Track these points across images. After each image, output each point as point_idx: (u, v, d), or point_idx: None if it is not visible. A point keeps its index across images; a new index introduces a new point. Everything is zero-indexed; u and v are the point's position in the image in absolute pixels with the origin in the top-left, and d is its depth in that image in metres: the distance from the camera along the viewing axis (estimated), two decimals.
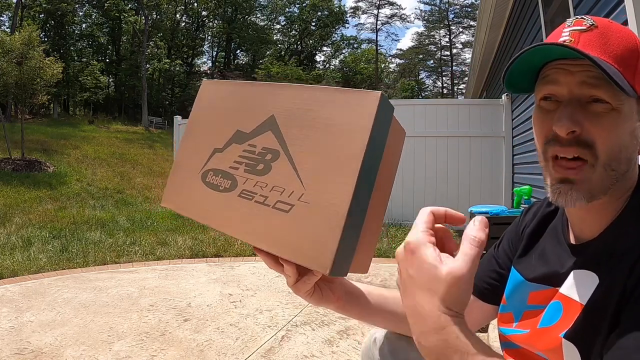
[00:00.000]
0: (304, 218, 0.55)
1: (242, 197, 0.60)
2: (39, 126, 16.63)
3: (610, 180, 0.58)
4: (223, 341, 2.36)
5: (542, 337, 0.64)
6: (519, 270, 0.74)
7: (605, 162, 0.57)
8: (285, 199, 0.57)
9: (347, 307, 0.75)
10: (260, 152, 0.61)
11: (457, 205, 5.86)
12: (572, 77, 0.57)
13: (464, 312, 0.49)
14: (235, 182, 0.62)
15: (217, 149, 0.67)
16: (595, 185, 0.57)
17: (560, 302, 0.63)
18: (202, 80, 8.65)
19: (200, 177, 0.66)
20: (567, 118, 0.56)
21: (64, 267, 3.99)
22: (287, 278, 0.64)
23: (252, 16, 38.00)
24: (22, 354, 2.16)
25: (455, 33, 39.39)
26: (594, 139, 0.56)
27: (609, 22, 0.59)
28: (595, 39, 0.57)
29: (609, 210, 0.61)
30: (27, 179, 8.84)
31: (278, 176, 0.58)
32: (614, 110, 0.56)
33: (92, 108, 31.70)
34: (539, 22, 4.00)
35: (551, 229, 0.73)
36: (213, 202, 0.63)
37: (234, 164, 0.63)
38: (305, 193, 0.56)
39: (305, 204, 0.55)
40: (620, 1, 2.17)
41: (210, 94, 0.72)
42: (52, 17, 28.46)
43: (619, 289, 0.54)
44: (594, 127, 0.56)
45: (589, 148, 0.56)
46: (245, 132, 0.64)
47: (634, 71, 0.56)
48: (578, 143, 0.57)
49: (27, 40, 9.80)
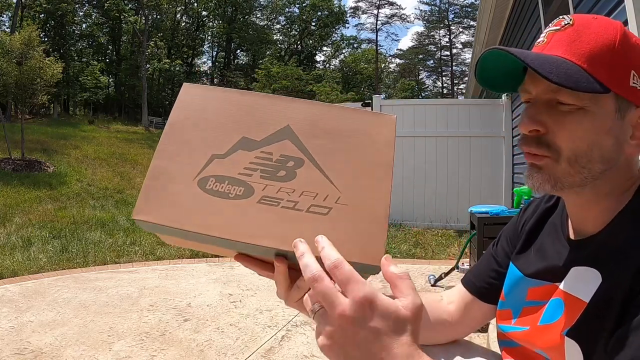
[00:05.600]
0: (346, 217, 0.56)
1: (263, 203, 0.58)
2: (39, 126, 16.63)
3: (580, 176, 0.59)
4: (223, 341, 2.36)
5: (542, 334, 0.64)
6: (518, 266, 0.74)
7: (570, 158, 0.58)
8: (320, 202, 0.57)
9: None
10: (279, 159, 0.60)
11: (457, 205, 5.87)
12: (539, 81, 0.60)
13: (466, 312, 0.48)
14: (250, 189, 0.59)
15: (217, 155, 0.63)
16: (560, 176, 0.60)
17: (561, 299, 0.63)
18: (201, 80, 8.68)
19: (196, 184, 0.61)
20: (529, 117, 0.60)
21: (64, 267, 3.99)
22: (278, 285, 0.60)
23: (252, 16, 38.02)
24: (22, 354, 2.16)
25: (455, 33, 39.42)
26: (554, 138, 0.59)
27: (591, 18, 0.60)
28: (566, 37, 0.59)
29: (607, 207, 0.61)
30: (27, 179, 8.84)
31: (306, 182, 0.58)
32: (581, 110, 0.57)
33: (92, 108, 31.71)
34: (539, 22, 4.00)
35: (550, 225, 0.73)
36: (222, 210, 0.59)
37: (245, 171, 0.60)
38: (342, 196, 0.57)
39: (344, 206, 0.57)
40: (620, 1, 2.17)
41: (195, 97, 0.68)
42: (52, 17, 28.45)
43: (625, 288, 0.54)
44: (556, 126, 0.59)
45: (547, 147, 0.59)
46: (254, 140, 0.62)
47: (607, 67, 0.56)
48: (539, 142, 0.60)
49: (27, 40, 9.80)
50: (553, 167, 0.60)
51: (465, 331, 0.84)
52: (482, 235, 3.17)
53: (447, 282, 3.35)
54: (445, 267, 3.61)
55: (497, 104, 6.00)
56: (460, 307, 0.83)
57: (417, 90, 40.65)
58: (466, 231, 5.31)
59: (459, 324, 0.83)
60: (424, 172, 6.08)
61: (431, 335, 0.81)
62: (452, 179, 6.03)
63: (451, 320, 0.82)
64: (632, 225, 0.58)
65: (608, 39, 0.57)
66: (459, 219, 5.82)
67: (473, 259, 3.39)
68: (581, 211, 0.65)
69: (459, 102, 9.01)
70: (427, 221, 6.02)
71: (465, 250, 3.42)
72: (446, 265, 3.80)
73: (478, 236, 3.19)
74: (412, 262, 4.29)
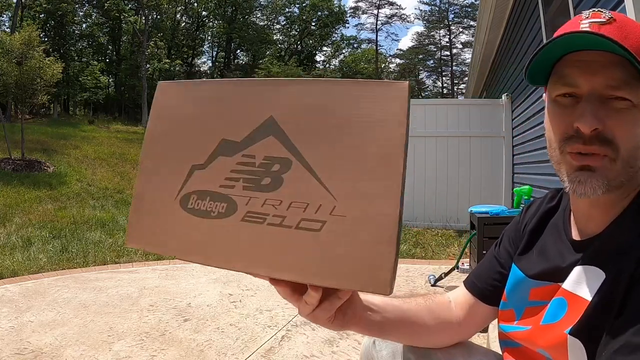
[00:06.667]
0: (344, 235, 0.46)
1: (247, 221, 0.50)
2: (39, 126, 16.61)
3: (627, 176, 0.58)
4: (223, 341, 2.36)
5: (545, 333, 0.63)
6: (520, 267, 0.74)
7: (625, 158, 0.56)
8: (311, 215, 0.48)
9: (369, 326, 0.70)
10: (262, 162, 0.51)
11: (457, 205, 5.87)
12: (596, 76, 0.56)
13: (469, 314, 0.46)
14: (233, 205, 0.51)
15: (196, 165, 0.55)
16: (614, 178, 0.57)
17: (564, 299, 0.62)
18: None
19: (178, 204, 0.54)
20: (591, 114, 0.55)
21: (64, 267, 3.99)
22: (304, 307, 0.56)
23: (252, 16, 37.98)
24: (22, 354, 2.16)
25: (455, 33, 39.39)
26: (614, 136, 0.55)
27: (624, 16, 0.59)
28: (615, 31, 0.56)
29: (615, 206, 0.61)
30: (27, 179, 8.83)
31: (295, 190, 0.49)
32: (635, 107, 0.55)
33: (92, 108, 31.68)
34: (539, 22, 3.99)
35: (552, 225, 0.73)
36: (204, 232, 0.52)
37: (227, 182, 0.52)
38: (338, 205, 0.47)
39: (341, 218, 0.47)
40: (620, 1, 2.17)
41: (172, 99, 0.60)
42: (52, 17, 28.43)
43: (626, 281, 0.54)
44: (615, 124, 0.55)
45: (609, 144, 0.56)
46: (234, 141, 0.53)
47: None
48: (600, 140, 0.56)
49: (27, 40, 9.79)
50: (609, 167, 0.56)
51: (468, 333, 0.83)
52: (482, 235, 3.17)
53: (447, 282, 3.35)
54: (445, 267, 3.61)
55: (497, 104, 6.00)
56: (464, 309, 0.83)
57: (417, 90, 40.63)
58: (466, 231, 5.31)
59: (463, 327, 0.82)
60: (423, 172, 6.08)
61: (439, 339, 0.80)
62: (452, 179, 6.03)
63: (457, 323, 0.82)
64: (635, 223, 0.58)
65: None
66: (459, 219, 5.82)
67: (473, 259, 3.39)
68: (592, 211, 0.63)
69: (459, 102, 9.00)
70: (427, 221, 6.02)
71: (465, 251, 3.41)
72: (446, 265, 3.80)
73: (478, 236, 3.19)
74: (412, 262, 4.29)
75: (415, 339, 0.79)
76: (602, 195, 0.58)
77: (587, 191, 0.57)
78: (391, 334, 0.76)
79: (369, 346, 0.87)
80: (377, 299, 0.74)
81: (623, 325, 0.51)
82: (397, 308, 0.76)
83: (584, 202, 0.63)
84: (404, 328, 0.76)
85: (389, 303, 0.76)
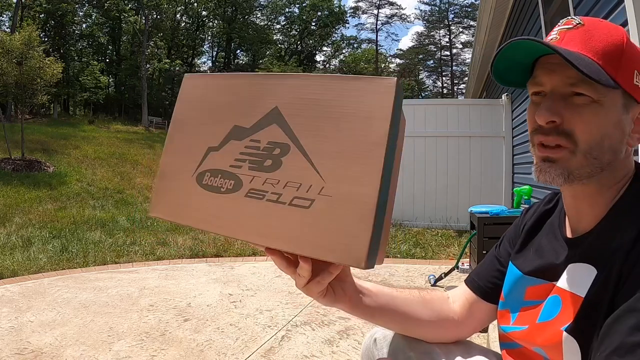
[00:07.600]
0: (329, 212, 0.52)
1: (250, 197, 0.57)
2: (39, 126, 16.62)
3: (591, 167, 0.61)
4: (223, 341, 2.36)
5: (541, 331, 0.64)
6: (517, 265, 0.75)
7: (586, 149, 0.60)
8: (303, 194, 0.54)
9: (358, 307, 0.74)
10: (266, 147, 0.58)
11: (457, 205, 5.87)
12: (555, 74, 0.61)
13: (470, 312, 0.48)
14: (239, 182, 0.59)
15: (212, 147, 0.63)
16: (574, 168, 0.61)
17: (558, 296, 0.64)
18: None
19: (195, 180, 0.62)
20: (547, 109, 0.61)
21: (64, 267, 3.99)
22: (299, 279, 0.62)
23: (252, 16, 38.00)
24: (22, 354, 2.16)
25: (455, 33, 39.42)
26: (572, 129, 0.60)
27: (598, 21, 0.63)
28: (579, 35, 0.61)
29: (602, 200, 0.63)
30: (27, 179, 8.84)
31: (291, 171, 0.56)
32: (595, 102, 0.59)
33: (92, 108, 31.68)
34: (539, 22, 4.00)
35: (548, 225, 0.75)
36: (215, 205, 0.60)
37: (236, 162, 0.60)
38: (326, 186, 0.53)
39: (328, 197, 0.53)
40: (620, 1, 2.17)
41: (195, 89, 0.68)
42: (52, 17, 28.45)
43: (616, 276, 0.56)
44: (573, 118, 0.60)
45: (568, 137, 0.61)
46: (244, 127, 0.61)
47: (617, 65, 0.59)
48: (558, 132, 0.61)
49: (27, 40, 9.80)
50: (569, 159, 0.61)
51: (469, 331, 0.85)
52: (482, 235, 3.17)
53: (447, 282, 3.35)
54: (445, 267, 3.61)
55: (497, 104, 6.00)
56: (464, 306, 0.84)
57: (417, 90, 40.64)
58: (466, 231, 5.32)
59: (463, 324, 0.83)
60: (424, 172, 6.08)
61: (438, 333, 0.82)
62: (452, 179, 6.03)
63: (457, 319, 0.83)
64: (623, 219, 0.60)
65: (617, 39, 0.60)
66: (459, 219, 5.82)
67: (473, 259, 3.39)
68: (580, 205, 0.66)
69: (459, 102, 9.01)
70: (427, 221, 6.02)
71: (465, 251, 3.41)
72: (446, 265, 3.80)
73: (478, 236, 3.19)
74: (412, 262, 4.29)
75: (407, 327, 0.81)
76: (573, 186, 0.63)
77: (547, 179, 0.62)
78: (380, 318, 0.79)
79: (370, 345, 0.88)
80: (369, 284, 0.79)
81: (615, 323, 0.52)
82: (388, 295, 0.80)
83: (574, 196, 0.66)
84: (393, 315, 0.79)
85: (380, 289, 0.80)
